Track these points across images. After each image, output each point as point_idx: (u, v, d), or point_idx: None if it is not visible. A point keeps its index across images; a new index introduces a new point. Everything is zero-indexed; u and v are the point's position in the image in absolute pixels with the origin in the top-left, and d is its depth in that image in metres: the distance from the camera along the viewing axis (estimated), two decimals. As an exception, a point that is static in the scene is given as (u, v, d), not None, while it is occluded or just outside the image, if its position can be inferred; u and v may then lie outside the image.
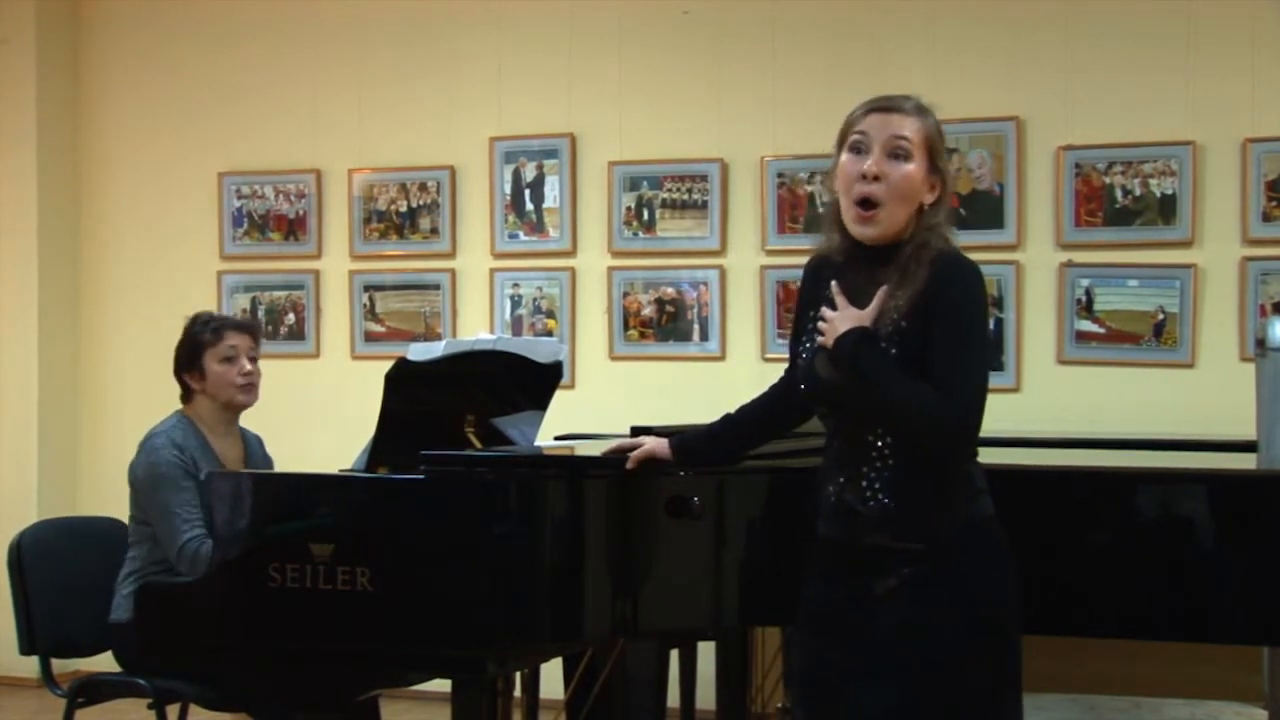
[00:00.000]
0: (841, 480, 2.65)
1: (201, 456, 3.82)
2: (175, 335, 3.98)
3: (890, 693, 2.56)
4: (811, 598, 2.71)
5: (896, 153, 2.59)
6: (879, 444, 2.60)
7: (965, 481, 2.63)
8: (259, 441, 4.12)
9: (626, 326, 5.63)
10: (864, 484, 2.61)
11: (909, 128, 2.61)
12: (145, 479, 3.79)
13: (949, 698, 2.56)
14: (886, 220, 2.60)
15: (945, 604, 2.56)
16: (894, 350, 2.57)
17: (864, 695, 2.58)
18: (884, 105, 2.64)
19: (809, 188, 5.40)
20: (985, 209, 5.20)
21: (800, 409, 2.96)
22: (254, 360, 3.96)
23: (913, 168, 2.60)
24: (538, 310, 5.72)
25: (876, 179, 2.58)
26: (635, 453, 3.04)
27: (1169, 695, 4.39)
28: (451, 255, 5.83)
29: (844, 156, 2.64)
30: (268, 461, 4.10)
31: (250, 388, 3.94)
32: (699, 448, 3.04)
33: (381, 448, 3.50)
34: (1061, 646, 2.77)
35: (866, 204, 2.60)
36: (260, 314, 5.95)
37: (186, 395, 3.96)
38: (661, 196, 5.58)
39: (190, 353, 3.92)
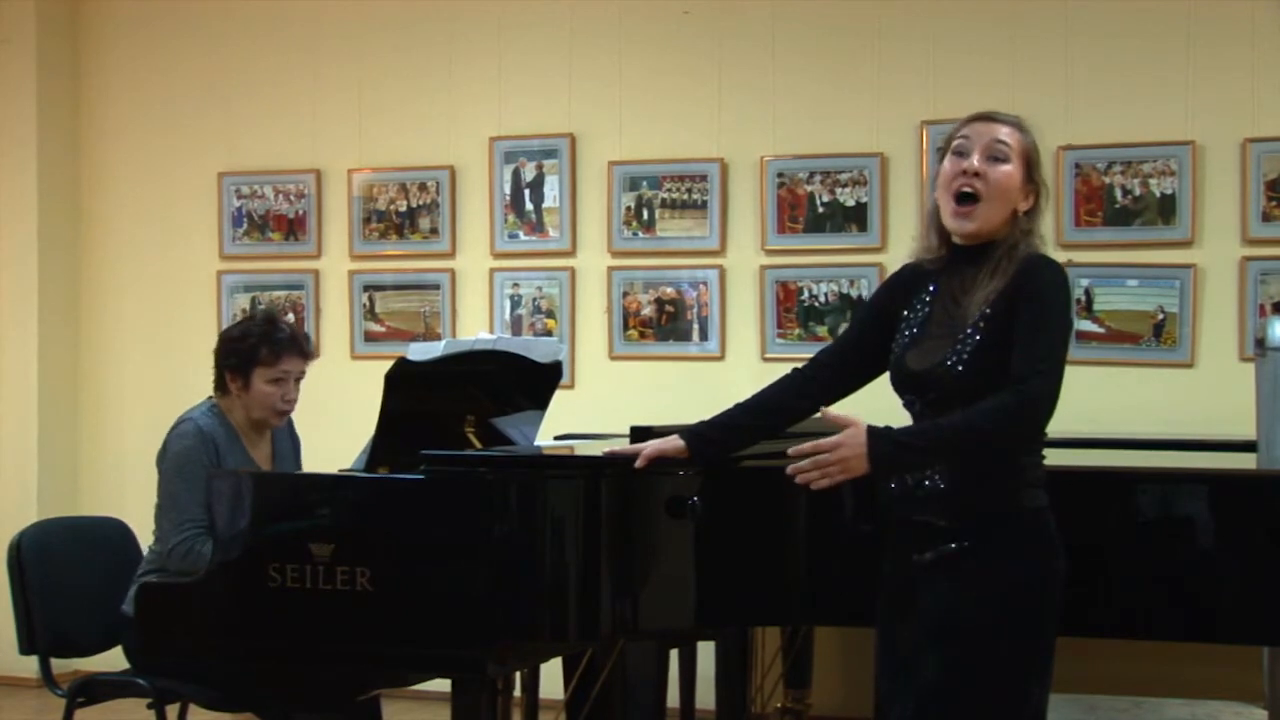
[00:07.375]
0: None
1: (229, 449, 3.82)
2: (176, 335, 3.97)
3: (931, 666, 2.67)
4: (882, 574, 2.84)
5: (996, 155, 2.75)
6: None
7: (1018, 473, 2.74)
8: (287, 433, 4.08)
9: (626, 326, 5.63)
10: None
11: (1008, 134, 2.78)
12: (168, 462, 3.80)
13: (976, 678, 2.64)
14: (983, 216, 2.75)
15: (975, 585, 2.66)
16: (978, 337, 2.69)
17: (917, 667, 2.69)
18: (986, 115, 2.83)
19: (809, 188, 5.40)
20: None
21: (813, 399, 2.95)
22: (299, 381, 3.93)
23: (1011, 168, 2.76)
24: (537, 310, 5.71)
25: (977, 175, 2.74)
26: (646, 451, 3.00)
27: (1169, 695, 4.40)
28: (451, 255, 5.83)
29: (946, 161, 2.79)
30: (295, 441, 4.10)
31: (286, 412, 3.94)
32: (715, 438, 3.02)
33: (381, 448, 3.50)
34: (1062, 646, 2.77)
35: (965, 199, 2.74)
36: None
37: (221, 387, 3.92)
38: (661, 196, 5.58)
39: (241, 361, 3.86)
